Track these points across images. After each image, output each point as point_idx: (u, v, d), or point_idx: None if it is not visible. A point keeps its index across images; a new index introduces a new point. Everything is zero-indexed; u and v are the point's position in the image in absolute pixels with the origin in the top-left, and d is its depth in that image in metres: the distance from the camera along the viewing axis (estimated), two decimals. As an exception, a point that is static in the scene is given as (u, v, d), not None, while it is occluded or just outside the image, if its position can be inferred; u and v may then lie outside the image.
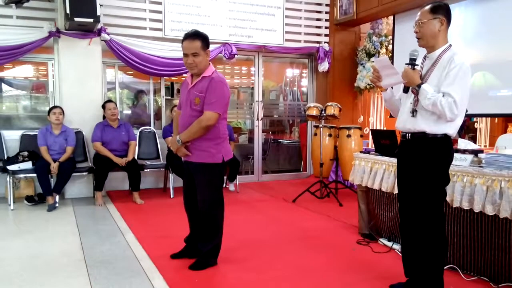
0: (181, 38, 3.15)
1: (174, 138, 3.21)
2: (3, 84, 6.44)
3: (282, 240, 3.97)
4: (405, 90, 2.69)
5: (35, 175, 5.21)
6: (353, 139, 5.90)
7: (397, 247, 3.59)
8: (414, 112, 2.60)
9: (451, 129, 2.55)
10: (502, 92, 5.12)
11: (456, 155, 2.94)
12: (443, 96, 2.44)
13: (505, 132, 6.90)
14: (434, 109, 2.46)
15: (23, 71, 6.64)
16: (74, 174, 5.45)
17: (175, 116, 3.47)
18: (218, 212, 3.24)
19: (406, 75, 2.59)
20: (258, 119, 7.30)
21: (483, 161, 2.96)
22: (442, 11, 2.56)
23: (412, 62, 2.61)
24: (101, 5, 5.40)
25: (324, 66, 7.24)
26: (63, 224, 4.48)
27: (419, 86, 2.53)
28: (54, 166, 5.15)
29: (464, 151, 3.16)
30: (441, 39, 2.59)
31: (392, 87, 2.89)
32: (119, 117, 5.78)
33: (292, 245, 3.82)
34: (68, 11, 5.07)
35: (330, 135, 6.08)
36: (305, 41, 7.27)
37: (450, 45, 2.60)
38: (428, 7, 2.58)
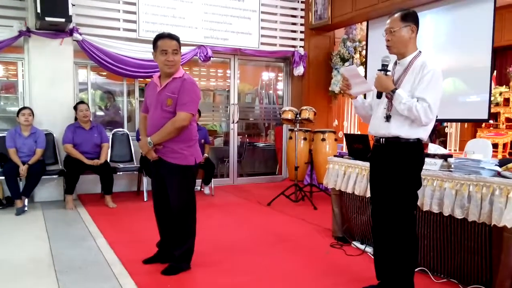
0: (156, 39, 3.13)
1: (144, 140, 3.14)
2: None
3: (256, 243, 3.97)
4: (379, 95, 2.72)
5: (3, 178, 5.06)
6: (327, 143, 5.97)
7: (369, 250, 3.63)
8: (388, 117, 2.63)
9: (424, 134, 2.61)
10: (471, 98, 5.26)
11: (426, 159, 2.99)
12: (417, 101, 2.49)
13: (475, 137, 7.10)
14: (409, 114, 2.50)
15: (-9, 71, 6.46)
16: (43, 177, 5.32)
17: (141, 120, 3.39)
18: (190, 215, 3.22)
19: (380, 81, 2.62)
20: (233, 122, 7.28)
21: (452, 166, 3.03)
22: (412, 19, 2.60)
23: (384, 68, 2.65)
24: (73, 5, 5.30)
25: (299, 70, 7.29)
26: (32, 229, 4.36)
27: (393, 91, 2.56)
28: (23, 169, 5.00)
29: (434, 156, 3.23)
30: (411, 46, 2.64)
31: (364, 95, 2.93)
32: (91, 119, 5.67)
33: (267, 248, 3.82)
34: (39, 10, 4.95)
35: (305, 139, 6.12)
36: (281, 45, 7.30)
37: (420, 51, 2.65)
38: (398, 15, 2.61)
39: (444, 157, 3.18)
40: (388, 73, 2.65)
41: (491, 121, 7.18)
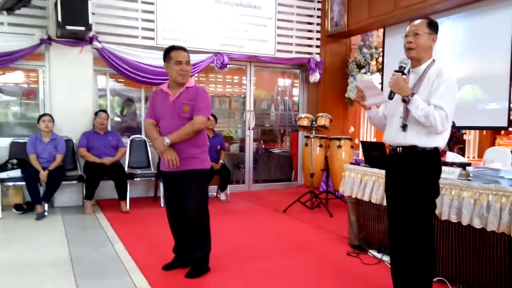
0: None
1: (160, 139, 3.18)
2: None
3: (271, 250, 3.98)
4: (391, 96, 2.65)
5: (24, 183, 5.16)
6: (343, 150, 5.95)
7: (386, 258, 3.60)
8: (404, 126, 2.61)
9: (441, 142, 2.59)
10: (490, 105, 5.20)
11: (444, 168, 2.96)
12: (434, 108, 2.47)
13: (493, 144, 6.98)
14: (426, 120, 2.48)
15: (13, 78, 6.59)
16: (63, 182, 5.41)
17: (147, 126, 3.39)
18: (207, 217, 3.33)
19: (398, 82, 2.55)
20: (249, 128, 7.31)
21: (471, 175, 3.00)
22: (435, 29, 2.62)
23: (401, 70, 2.60)
24: (93, 14, 5.40)
25: (315, 77, 7.29)
26: (52, 233, 4.43)
27: (411, 95, 2.52)
28: (43, 174, 5.10)
29: (452, 164, 3.19)
30: (429, 54, 2.64)
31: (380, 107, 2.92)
32: (109, 127, 5.77)
33: (282, 255, 3.82)
34: (60, 19, 5.07)
35: (321, 146, 6.12)
36: (297, 52, 7.31)
37: (434, 60, 2.64)
38: (426, 20, 2.62)
39: (463, 165, 3.15)
40: (404, 76, 2.61)
41: (510, 129, 7.06)
